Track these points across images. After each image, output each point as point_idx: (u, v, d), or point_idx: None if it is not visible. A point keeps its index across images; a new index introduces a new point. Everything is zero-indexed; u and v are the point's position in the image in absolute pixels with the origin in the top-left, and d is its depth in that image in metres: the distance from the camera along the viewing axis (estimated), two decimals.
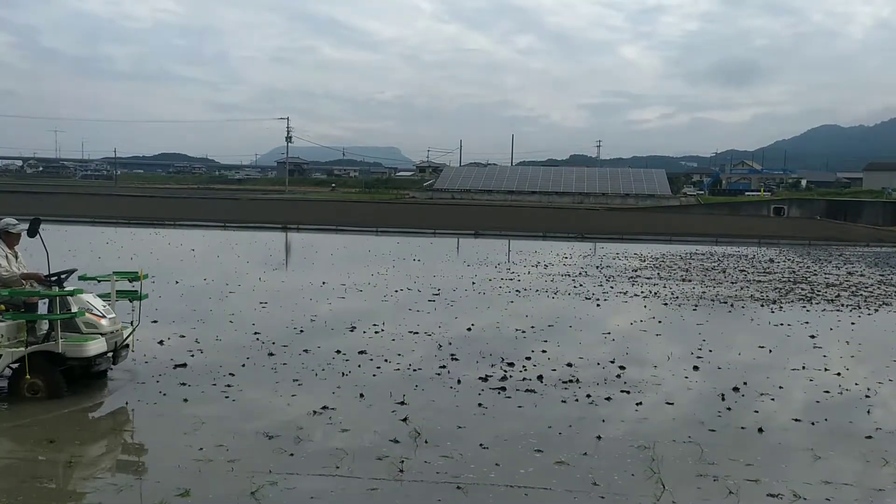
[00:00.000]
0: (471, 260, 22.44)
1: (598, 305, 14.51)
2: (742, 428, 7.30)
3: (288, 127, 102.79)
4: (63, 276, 8.00)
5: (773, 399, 8.35)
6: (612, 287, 16.94)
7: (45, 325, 7.98)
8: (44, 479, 5.79)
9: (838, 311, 14.51)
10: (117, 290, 8.64)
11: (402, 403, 7.76)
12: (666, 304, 14.86)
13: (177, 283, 15.65)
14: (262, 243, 26.69)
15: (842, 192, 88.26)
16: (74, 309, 7.76)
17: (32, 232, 8.07)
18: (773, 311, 14.23)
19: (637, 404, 7.99)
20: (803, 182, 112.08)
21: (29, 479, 5.76)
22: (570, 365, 9.54)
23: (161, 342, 10.05)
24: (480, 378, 8.81)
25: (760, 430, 7.22)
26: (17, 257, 8.28)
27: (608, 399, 8.16)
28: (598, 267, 21.18)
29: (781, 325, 12.87)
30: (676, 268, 21.40)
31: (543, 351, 10.29)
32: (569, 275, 19.04)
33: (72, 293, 7.82)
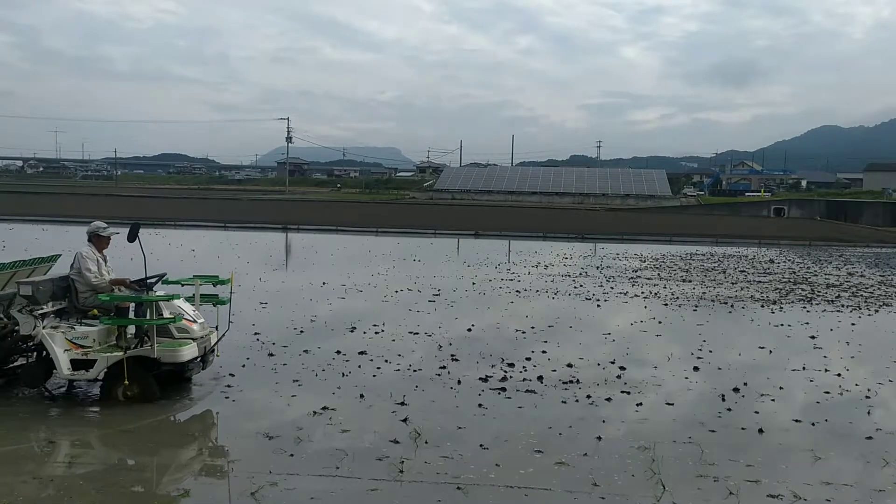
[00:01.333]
0: (471, 260, 22.45)
1: (598, 306, 14.51)
2: (742, 429, 7.30)
3: (288, 127, 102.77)
4: (152, 281, 7.97)
5: (773, 400, 8.34)
6: (612, 287, 16.94)
7: (131, 330, 7.87)
8: (43, 478, 5.79)
9: (839, 311, 14.50)
10: (201, 294, 8.52)
11: (403, 404, 7.76)
12: (666, 304, 14.86)
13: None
14: (263, 244, 26.68)
15: (842, 192, 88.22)
16: (166, 314, 7.70)
17: (132, 237, 7.96)
18: (773, 312, 14.22)
19: (637, 405, 7.99)
20: (803, 183, 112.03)
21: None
22: (570, 365, 9.54)
23: None
24: (481, 378, 8.80)
25: (761, 430, 7.22)
26: (105, 261, 8.22)
27: (608, 400, 8.16)
28: (598, 267, 21.18)
29: (782, 325, 12.87)
30: (677, 268, 21.40)
31: (544, 351, 10.29)
32: (569, 275, 19.04)
33: (168, 298, 7.80)
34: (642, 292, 16.31)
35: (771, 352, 10.77)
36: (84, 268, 7.92)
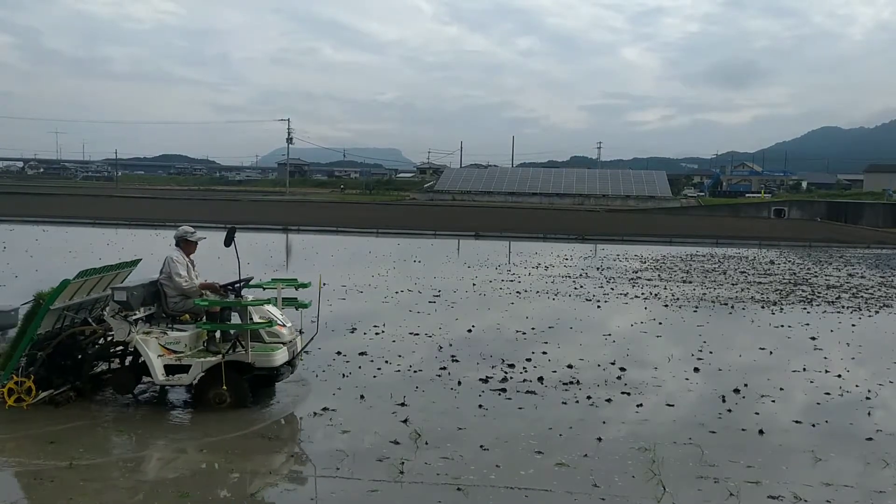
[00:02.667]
0: (471, 261, 22.44)
1: (598, 307, 14.51)
2: (743, 430, 7.30)
3: (289, 128, 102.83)
4: (240, 286, 7.92)
5: (773, 401, 8.34)
6: (612, 288, 16.94)
7: (216, 334, 7.83)
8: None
9: (839, 312, 14.50)
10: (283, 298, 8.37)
11: (403, 405, 7.76)
12: (666, 305, 14.85)
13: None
14: (263, 244, 26.68)
15: (842, 193, 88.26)
16: (255, 318, 7.64)
17: (228, 241, 7.91)
18: (773, 313, 14.22)
19: (638, 406, 7.99)
20: (804, 184, 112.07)
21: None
22: (570, 366, 9.54)
23: None
24: (481, 379, 8.80)
25: (761, 431, 7.22)
26: (193, 265, 8.16)
27: (609, 401, 8.15)
28: (598, 268, 21.18)
29: (782, 326, 12.86)
30: (677, 269, 21.39)
31: (544, 352, 10.29)
32: (569, 276, 19.04)
33: (264, 303, 7.74)
34: (642, 293, 16.31)
35: (771, 353, 10.77)
36: (174, 272, 7.82)
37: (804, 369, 9.80)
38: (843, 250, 31.12)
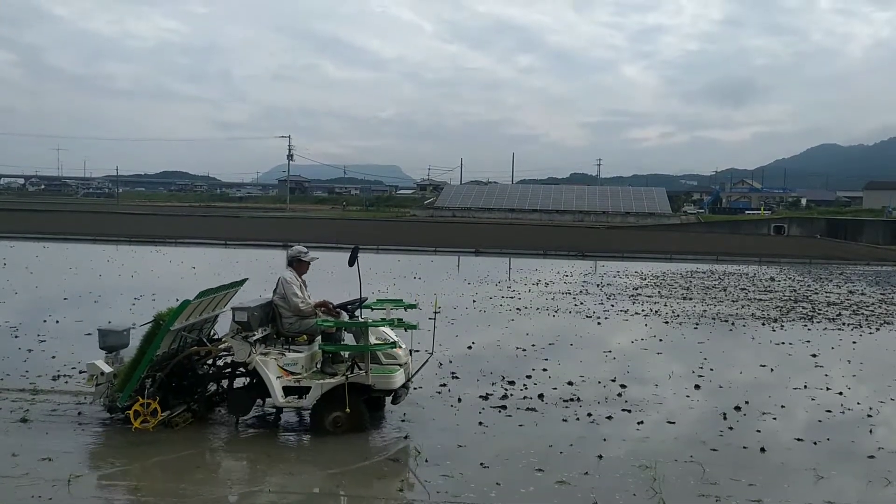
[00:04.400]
0: (471, 278, 22.43)
1: (598, 324, 14.49)
2: (744, 447, 7.27)
3: (289, 145, 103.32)
4: (355, 306, 7.85)
5: (775, 418, 8.31)
6: (612, 305, 16.92)
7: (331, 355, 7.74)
8: None
9: (840, 329, 14.48)
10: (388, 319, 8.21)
11: (403, 421, 7.73)
12: (667, 322, 14.84)
13: (177, 300, 15.59)
14: (263, 261, 26.68)
15: (842, 210, 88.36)
16: (372, 339, 7.52)
17: (352, 261, 7.86)
18: (774, 330, 14.20)
19: (638, 423, 7.96)
20: (803, 201, 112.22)
21: None
22: (571, 383, 9.51)
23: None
24: (481, 396, 8.78)
25: (763, 449, 7.19)
26: (305, 285, 8.13)
27: (609, 418, 8.13)
28: (598, 285, 21.17)
29: (783, 343, 12.84)
30: (677, 286, 21.39)
31: (544, 369, 10.27)
32: (569, 293, 19.03)
33: (386, 324, 7.66)
34: (643, 310, 16.30)
35: (772, 370, 10.75)
36: (290, 293, 7.78)
37: (805, 386, 9.77)
38: (843, 267, 31.12)
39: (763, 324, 14.90)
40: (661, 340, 12.85)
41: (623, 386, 9.46)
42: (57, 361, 9.82)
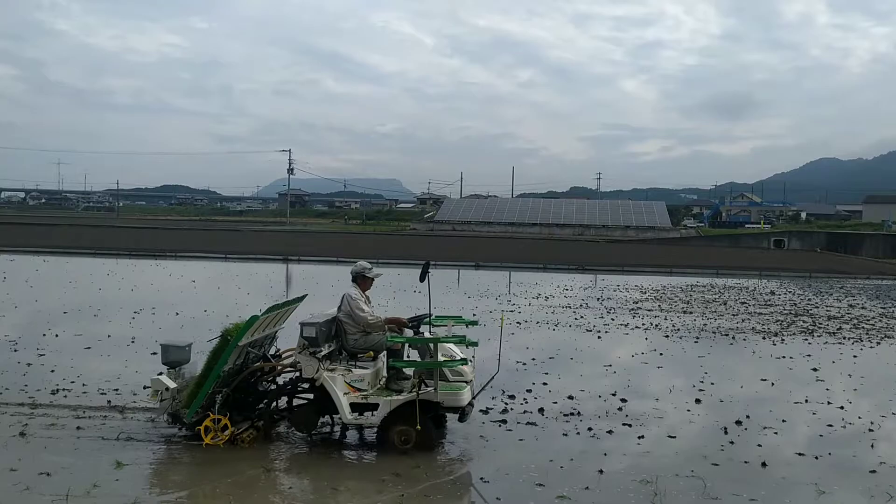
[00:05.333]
0: (471, 291, 22.42)
1: (599, 337, 14.47)
2: (745, 462, 7.24)
3: (290, 159, 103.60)
4: (420, 322, 7.83)
5: (776, 433, 8.29)
6: (613, 319, 16.90)
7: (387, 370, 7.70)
8: None
9: (840, 343, 14.45)
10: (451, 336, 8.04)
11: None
12: (667, 336, 14.81)
13: (177, 314, 15.60)
14: (263, 275, 26.71)
15: (842, 224, 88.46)
16: (439, 356, 7.41)
17: (423, 276, 7.83)
18: (774, 344, 14.18)
19: (639, 437, 7.94)
20: (803, 214, 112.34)
21: None
22: (571, 397, 9.49)
23: (160, 374, 9.98)
24: (481, 411, 8.74)
25: (764, 464, 7.16)
26: (369, 301, 8.08)
27: (610, 432, 8.10)
28: (598, 299, 21.16)
29: (783, 357, 12.82)
30: (677, 300, 21.37)
31: (545, 383, 10.24)
32: (570, 307, 19.01)
33: (457, 340, 7.59)
34: (643, 324, 16.28)
35: (773, 384, 10.72)
36: (356, 308, 7.74)
37: (806, 401, 9.75)
38: (844, 281, 31.11)
39: (764, 338, 14.87)
40: (661, 354, 12.83)
41: (624, 400, 9.44)
42: (56, 375, 9.79)
